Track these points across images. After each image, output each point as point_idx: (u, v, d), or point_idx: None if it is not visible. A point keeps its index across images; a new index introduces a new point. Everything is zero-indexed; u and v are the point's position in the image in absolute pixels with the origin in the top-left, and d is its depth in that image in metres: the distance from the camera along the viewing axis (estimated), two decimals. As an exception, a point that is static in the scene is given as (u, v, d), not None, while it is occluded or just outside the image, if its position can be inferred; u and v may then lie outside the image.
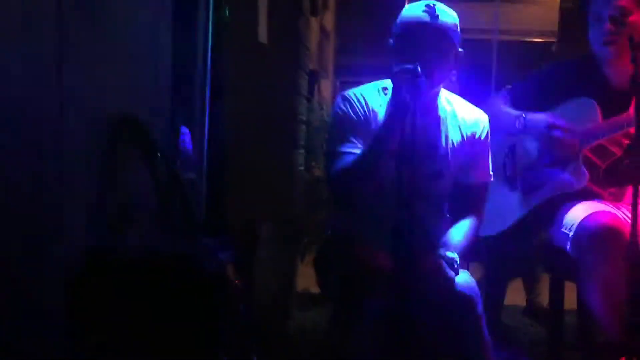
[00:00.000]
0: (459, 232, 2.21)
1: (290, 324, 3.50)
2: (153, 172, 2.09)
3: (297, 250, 3.73)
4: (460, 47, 2.18)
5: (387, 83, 2.21)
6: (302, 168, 3.96)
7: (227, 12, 2.67)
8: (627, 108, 2.42)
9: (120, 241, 1.91)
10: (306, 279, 3.72)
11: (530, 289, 3.80)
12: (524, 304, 3.85)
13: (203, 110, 2.69)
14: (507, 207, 2.76)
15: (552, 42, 5.98)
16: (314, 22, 4.48)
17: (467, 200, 2.28)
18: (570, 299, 2.74)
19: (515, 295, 3.78)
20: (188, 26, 2.61)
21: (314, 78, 4.38)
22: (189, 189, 2.23)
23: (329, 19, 5.66)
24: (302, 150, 3.96)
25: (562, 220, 2.52)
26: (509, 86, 2.88)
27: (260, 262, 2.82)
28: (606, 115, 2.49)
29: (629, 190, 2.33)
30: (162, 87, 2.46)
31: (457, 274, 2.09)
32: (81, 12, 1.93)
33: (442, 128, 2.23)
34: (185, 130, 2.47)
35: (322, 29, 5.28)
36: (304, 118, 4.02)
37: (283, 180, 3.63)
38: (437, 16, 2.10)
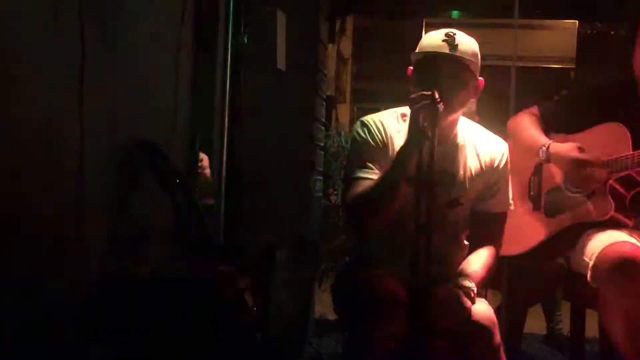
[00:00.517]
0: (477, 261, 2.19)
1: (307, 350, 3.48)
2: (171, 197, 2.10)
3: (315, 276, 3.72)
4: (480, 76, 2.18)
5: (406, 110, 2.21)
6: (319, 194, 3.96)
7: (246, 39, 2.69)
8: None
9: (138, 265, 1.91)
10: (323, 306, 3.71)
11: (551, 316, 3.77)
12: (544, 331, 3.81)
13: (222, 136, 2.70)
14: (530, 228, 2.73)
15: (570, 69, 5.98)
16: (331, 49, 4.50)
17: (486, 229, 2.26)
18: (591, 327, 2.70)
19: (535, 323, 3.74)
20: (207, 53, 2.64)
21: (331, 104, 4.39)
22: (206, 214, 2.24)
23: (346, 46, 5.70)
24: (319, 176, 3.96)
25: (584, 247, 2.49)
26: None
27: (277, 288, 2.81)
28: (638, 142, 2.44)
29: None
30: (181, 113, 2.48)
31: (474, 303, 2.07)
32: (102, 39, 1.96)
33: (461, 156, 2.22)
34: (203, 156, 2.48)
35: (340, 55, 5.31)
36: (322, 144, 4.03)
37: (300, 205, 3.63)
38: (457, 46, 2.10)
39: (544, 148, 2.62)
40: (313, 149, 3.82)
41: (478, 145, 2.25)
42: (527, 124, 2.74)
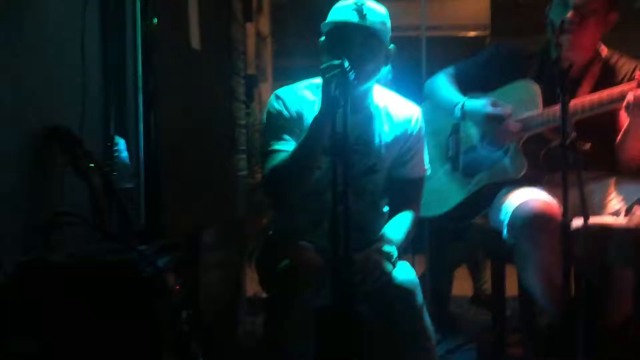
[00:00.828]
0: (396, 226, 2.24)
1: (240, 328, 3.49)
2: (87, 182, 2.07)
3: (243, 254, 3.73)
4: (391, 44, 2.20)
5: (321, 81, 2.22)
6: (245, 172, 3.96)
7: (155, 20, 2.65)
8: (573, 93, 2.47)
9: (54, 250, 1.88)
10: (256, 284, 3.71)
11: (476, 277, 3.87)
12: (471, 293, 3.92)
13: (137, 119, 2.66)
14: (449, 188, 2.80)
15: (485, 36, 6.09)
16: (249, 27, 4.48)
17: (403, 195, 2.31)
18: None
19: (463, 284, 3.84)
20: (116, 34, 2.59)
21: (252, 82, 4.38)
22: (125, 198, 2.21)
23: (264, 23, 5.66)
24: (243, 155, 3.96)
25: (499, 205, 2.57)
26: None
27: (205, 268, 2.80)
28: (551, 99, 2.53)
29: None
30: (92, 97, 2.43)
31: (394, 266, 2.11)
32: (5, 20, 1.90)
33: (375, 124, 2.26)
34: (119, 139, 2.44)
35: (259, 34, 5.28)
36: (243, 122, 4.02)
37: (224, 185, 3.62)
38: (365, 15, 2.12)
39: (460, 105, 2.69)
40: (234, 128, 3.81)
41: (391, 111, 2.29)
42: (443, 84, 2.80)
